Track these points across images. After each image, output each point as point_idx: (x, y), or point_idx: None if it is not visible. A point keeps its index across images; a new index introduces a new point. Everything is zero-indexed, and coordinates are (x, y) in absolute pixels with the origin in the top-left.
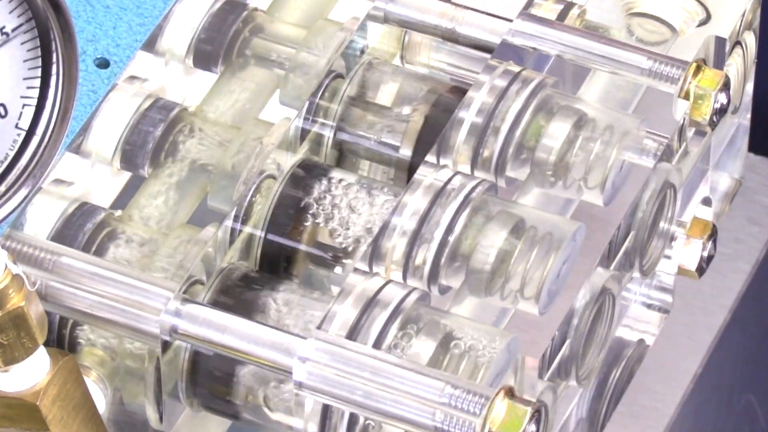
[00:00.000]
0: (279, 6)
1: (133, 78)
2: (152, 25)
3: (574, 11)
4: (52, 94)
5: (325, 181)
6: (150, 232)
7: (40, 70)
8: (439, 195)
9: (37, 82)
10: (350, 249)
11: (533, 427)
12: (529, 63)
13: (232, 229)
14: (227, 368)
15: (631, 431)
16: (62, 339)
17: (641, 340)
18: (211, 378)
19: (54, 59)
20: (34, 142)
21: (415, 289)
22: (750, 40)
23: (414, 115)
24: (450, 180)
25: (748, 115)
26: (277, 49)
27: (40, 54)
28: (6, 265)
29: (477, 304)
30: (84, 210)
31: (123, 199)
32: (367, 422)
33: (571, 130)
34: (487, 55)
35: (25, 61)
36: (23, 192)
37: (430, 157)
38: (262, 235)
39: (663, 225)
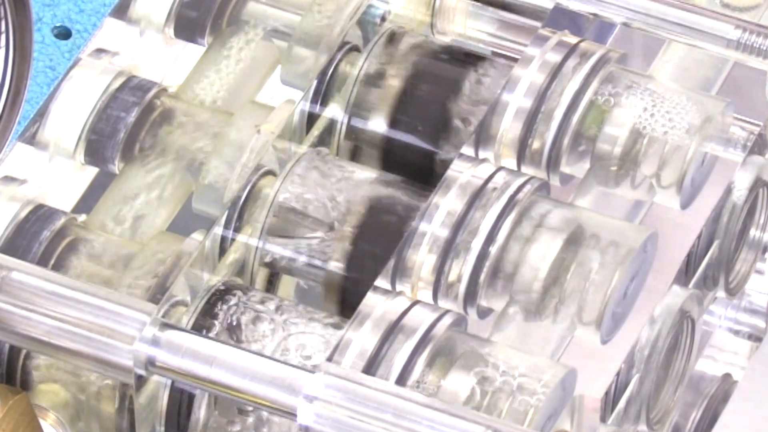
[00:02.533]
0: None
1: (100, 51)
2: None
3: None
4: (1, 72)
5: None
6: (121, 241)
7: None
8: (477, 196)
9: None
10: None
11: None
12: (588, 33)
13: (223, 238)
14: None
15: None
16: (13, 373)
17: (727, 375)
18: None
19: (2, 28)
20: None
21: (448, 311)
22: None
23: (389, 79)
24: (491, 177)
25: None
26: (277, 16)
27: None
28: None
29: (525, 330)
30: (40, 214)
31: (88, 201)
32: None
33: (640, 116)
34: (538, 23)
35: None
36: None
37: (467, 149)
38: (260, 245)
39: (754, 233)
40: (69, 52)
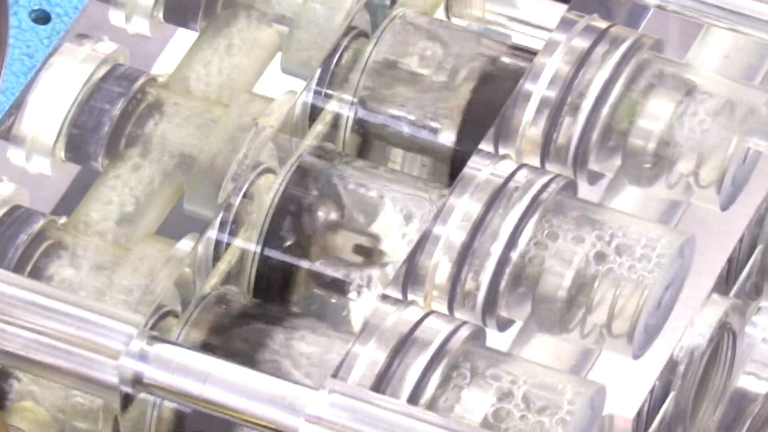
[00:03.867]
0: None
1: (82, 37)
2: None
3: None
4: None
5: (343, 170)
6: (106, 246)
7: None
8: (497, 196)
9: None
10: (378, 267)
11: None
12: (619, 17)
13: (217, 242)
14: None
15: None
16: None
17: None
18: None
19: None
20: None
21: (464, 323)
22: None
23: (460, 87)
24: (513, 175)
25: None
26: None
27: None
28: None
29: (549, 343)
30: (16, 216)
31: (69, 202)
32: None
33: (676, 108)
34: (563, 6)
35: None
36: None
37: (486, 145)
38: (258, 250)
39: None
40: (48, 38)
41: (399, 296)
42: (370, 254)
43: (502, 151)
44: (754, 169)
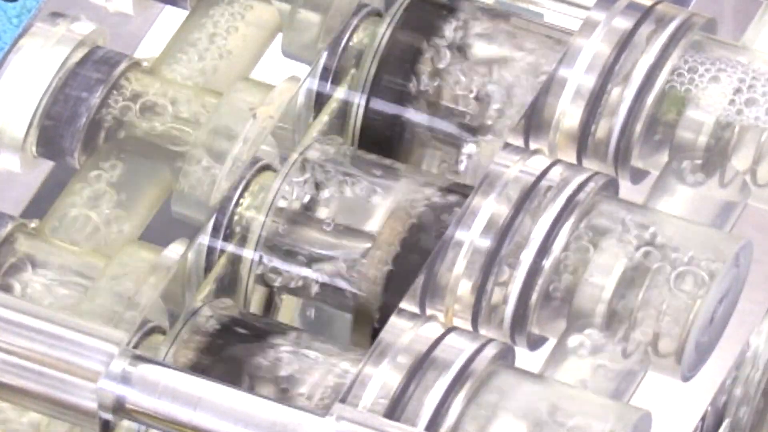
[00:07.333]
0: None
1: (56, 16)
2: None
3: None
4: None
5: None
6: (83, 253)
7: None
8: (528, 196)
9: None
10: None
11: None
12: None
13: (210, 249)
14: None
15: None
16: None
17: None
18: None
19: None
20: None
21: (490, 341)
22: None
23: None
24: (545, 172)
25: None
26: None
27: None
28: None
29: (586, 364)
30: None
31: (41, 203)
32: None
33: (731, 97)
34: None
35: None
36: None
37: (515, 138)
38: (256, 258)
39: None
40: (17, 17)
41: (416, 310)
42: None
43: (533, 145)
44: None
